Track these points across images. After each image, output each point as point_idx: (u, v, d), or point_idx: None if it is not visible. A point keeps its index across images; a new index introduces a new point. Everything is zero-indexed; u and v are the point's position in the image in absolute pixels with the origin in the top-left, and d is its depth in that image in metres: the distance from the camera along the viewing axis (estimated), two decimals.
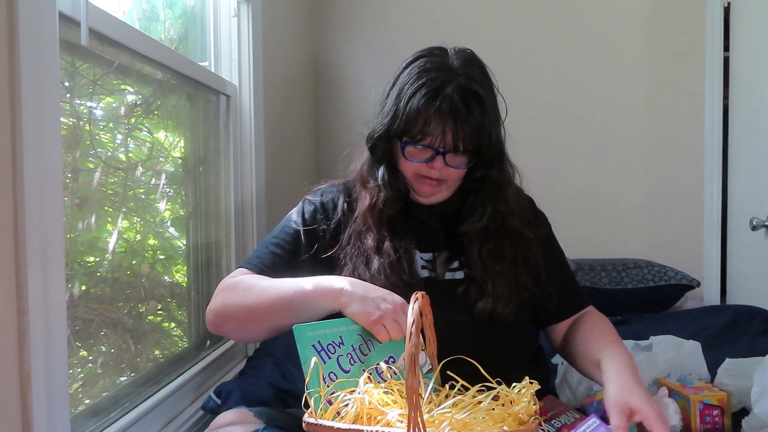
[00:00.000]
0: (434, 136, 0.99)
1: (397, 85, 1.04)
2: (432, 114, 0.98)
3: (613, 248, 2.52)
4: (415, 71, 1.01)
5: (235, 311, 1.02)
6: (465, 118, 0.97)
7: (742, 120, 2.32)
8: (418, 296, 0.81)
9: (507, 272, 1.05)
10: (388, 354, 0.95)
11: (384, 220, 1.06)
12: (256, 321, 1.01)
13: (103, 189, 1.14)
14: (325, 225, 1.10)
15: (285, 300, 0.97)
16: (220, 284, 1.08)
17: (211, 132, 1.63)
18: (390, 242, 1.04)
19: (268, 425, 1.00)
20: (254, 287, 1.01)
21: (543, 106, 2.56)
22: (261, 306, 0.99)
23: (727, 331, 1.84)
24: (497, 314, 1.03)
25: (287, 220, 1.14)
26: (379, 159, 1.08)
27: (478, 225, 1.06)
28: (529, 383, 0.87)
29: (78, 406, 1.03)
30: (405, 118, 1.00)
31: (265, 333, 1.05)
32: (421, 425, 0.70)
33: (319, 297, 0.95)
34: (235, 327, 1.05)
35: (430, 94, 0.98)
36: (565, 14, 2.58)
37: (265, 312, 0.99)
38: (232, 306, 1.02)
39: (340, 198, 1.13)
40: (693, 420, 1.13)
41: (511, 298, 1.04)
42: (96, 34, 1.02)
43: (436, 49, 1.05)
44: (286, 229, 1.12)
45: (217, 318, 1.04)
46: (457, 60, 1.02)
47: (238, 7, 1.70)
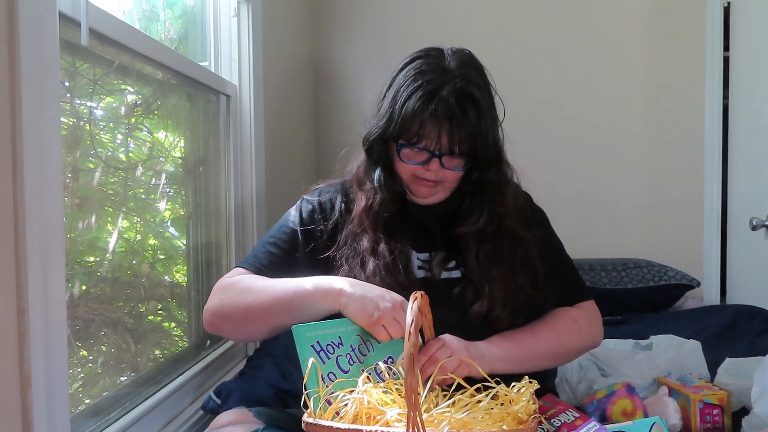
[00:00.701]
0: (430, 139, 0.99)
1: (393, 87, 1.03)
2: (427, 117, 0.97)
3: (613, 248, 2.52)
4: (411, 73, 1.01)
5: (233, 311, 1.02)
6: (461, 121, 0.97)
7: (742, 120, 2.32)
8: (417, 296, 0.81)
9: (504, 275, 1.05)
10: (387, 354, 0.95)
11: (380, 222, 1.05)
12: (255, 321, 1.01)
13: (103, 189, 1.14)
14: (322, 225, 1.10)
15: (284, 300, 0.97)
16: (217, 284, 1.08)
17: (211, 132, 1.63)
18: (385, 244, 1.04)
19: (268, 425, 1.00)
20: (252, 287, 1.01)
21: (543, 106, 2.55)
22: (259, 306, 0.99)
23: (727, 331, 1.84)
24: (493, 317, 1.03)
25: (285, 219, 1.14)
26: (376, 161, 1.08)
27: (475, 227, 1.06)
28: (528, 382, 0.87)
29: (78, 406, 1.03)
30: (400, 121, 0.99)
31: (263, 333, 1.05)
32: (420, 424, 0.70)
33: (318, 297, 0.95)
34: (232, 327, 1.05)
35: (425, 97, 0.97)
36: (564, 14, 2.58)
37: (263, 312, 0.99)
38: (230, 306, 1.02)
39: (337, 198, 1.13)
40: (693, 419, 1.13)
41: (507, 302, 1.04)
42: (96, 34, 1.02)
43: (432, 50, 1.04)
44: (284, 229, 1.12)
45: (214, 318, 1.04)
46: (454, 61, 1.01)
47: (238, 7, 1.70)
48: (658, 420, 0.94)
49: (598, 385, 1.29)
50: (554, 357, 1.10)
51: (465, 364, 0.92)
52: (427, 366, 0.91)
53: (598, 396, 1.14)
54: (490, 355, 0.98)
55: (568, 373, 1.36)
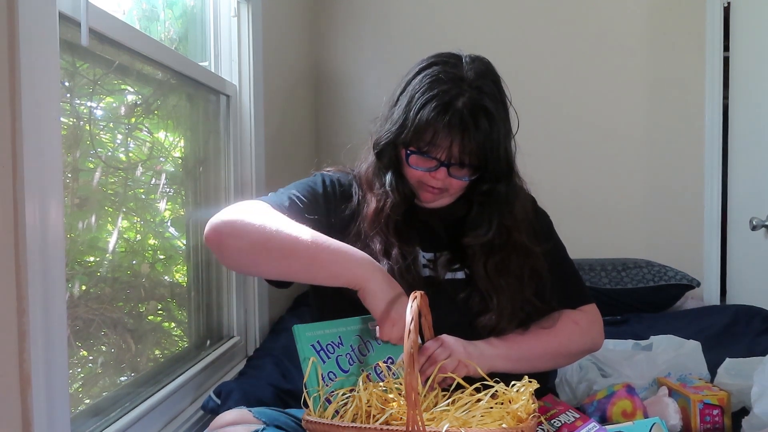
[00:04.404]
0: (441, 148, 0.98)
1: (407, 92, 1.02)
2: (441, 127, 0.96)
3: (613, 248, 2.52)
4: (427, 80, 0.99)
5: (250, 232, 0.92)
6: (473, 133, 0.96)
7: (742, 120, 2.32)
8: (416, 295, 0.81)
9: (512, 287, 1.04)
10: (387, 355, 0.96)
11: (391, 225, 1.04)
12: (270, 252, 0.93)
13: (103, 189, 1.14)
14: (342, 206, 1.08)
15: (316, 247, 0.92)
16: (237, 203, 0.98)
17: (211, 132, 1.63)
18: (398, 249, 1.03)
19: (268, 425, 1.00)
20: (282, 219, 0.95)
21: (543, 106, 2.55)
22: (285, 239, 0.92)
23: (727, 331, 1.84)
24: (500, 330, 1.03)
25: (305, 182, 1.10)
26: (386, 164, 1.07)
27: (483, 239, 1.05)
28: (527, 382, 0.87)
29: (78, 406, 1.03)
30: (413, 129, 0.98)
31: (268, 269, 0.97)
32: (420, 423, 0.70)
33: (346, 266, 0.92)
34: (239, 247, 0.94)
35: (440, 108, 0.96)
36: (565, 14, 2.58)
37: (285, 246, 0.92)
38: (249, 225, 0.93)
39: (354, 189, 1.11)
40: (693, 419, 1.13)
41: (515, 314, 1.03)
42: (96, 34, 1.02)
43: (451, 58, 1.03)
44: (307, 188, 1.08)
45: (225, 227, 0.93)
46: (471, 71, 1.00)
47: (238, 7, 1.70)
48: (658, 420, 0.94)
49: (598, 385, 1.29)
50: (554, 358, 1.09)
51: (464, 364, 0.92)
52: (426, 366, 0.91)
53: (598, 396, 1.14)
54: (488, 354, 0.98)
55: (568, 374, 1.36)
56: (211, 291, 1.61)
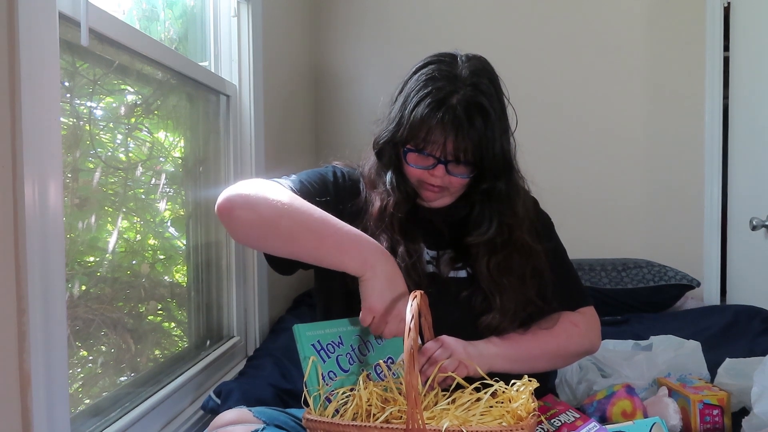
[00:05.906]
0: (436, 145, 0.99)
1: (404, 91, 1.03)
2: (434, 124, 0.97)
3: (613, 248, 2.52)
4: (422, 79, 1.00)
5: (263, 205, 0.92)
6: (467, 131, 0.96)
7: (742, 120, 2.32)
8: (416, 294, 0.81)
9: (515, 287, 1.04)
10: (387, 354, 0.96)
11: (395, 224, 1.05)
12: (279, 228, 0.92)
13: (103, 189, 1.14)
14: (351, 200, 1.08)
15: (327, 229, 0.92)
16: (251, 179, 0.98)
17: (211, 132, 1.63)
18: (404, 248, 1.03)
19: (267, 425, 1.00)
20: (297, 198, 0.96)
21: (543, 106, 2.56)
22: (296, 217, 0.92)
23: (727, 331, 1.84)
24: (502, 329, 1.03)
25: (316, 171, 1.11)
26: (387, 164, 1.08)
27: (484, 237, 1.05)
28: (527, 381, 0.87)
29: (78, 406, 1.03)
30: (408, 126, 0.99)
31: (272, 245, 0.96)
32: (421, 421, 0.71)
33: (354, 254, 0.92)
34: (250, 220, 0.93)
35: (434, 105, 0.97)
36: (564, 14, 2.58)
37: (295, 224, 0.92)
38: (263, 199, 0.92)
39: (361, 185, 1.12)
40: (693, 419, 1.13)
41: (517, 314, 1.03)
42: (96, 34, 1.02)
43: (446, 56, 1.03)
44: (317, 177, 1.09)
45: (239, 199, 0.93)
46: (466, 69, 1.00)
47: (238, 7, 1.70)
48: (658, 420, 0.94)
49: (598, 385, 1.29)
50: (552, 358, 1.10)
51: (464, 364, 0.93)
52: (426, 367, 0.91)
53: (598, 397, 1.14)
54: (488, 353, 0.98)
55: (567, 374, 1.36)
56: (211, 291, 1.61)
